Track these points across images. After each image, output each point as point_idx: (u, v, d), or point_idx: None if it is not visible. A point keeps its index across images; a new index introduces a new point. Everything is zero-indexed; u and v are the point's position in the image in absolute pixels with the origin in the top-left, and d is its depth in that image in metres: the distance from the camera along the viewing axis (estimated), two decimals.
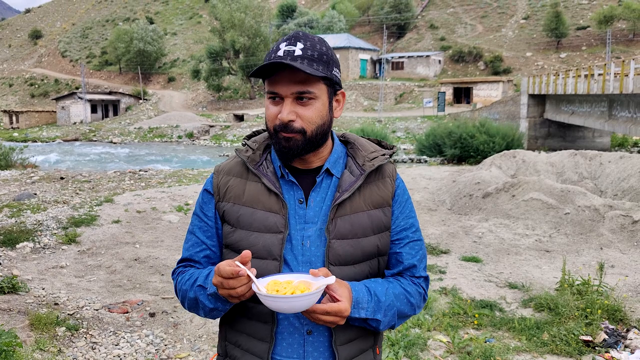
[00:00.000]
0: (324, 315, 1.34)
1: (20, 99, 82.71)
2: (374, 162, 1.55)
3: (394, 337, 4.50)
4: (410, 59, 59.50)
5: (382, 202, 1.54)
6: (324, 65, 1.43)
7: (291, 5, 75.93)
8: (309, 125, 1.44)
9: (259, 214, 1.49)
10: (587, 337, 4.45)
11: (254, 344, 1.51)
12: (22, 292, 5.60)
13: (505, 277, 6.52)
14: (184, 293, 1.54)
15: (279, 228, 1.47)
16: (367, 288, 1.46)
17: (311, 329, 1.48)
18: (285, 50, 1.41)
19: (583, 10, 63.58)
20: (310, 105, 1.44)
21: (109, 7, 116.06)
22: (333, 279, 1.33)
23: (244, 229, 1.50)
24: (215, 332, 4.87)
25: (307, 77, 1.41)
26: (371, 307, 1.44)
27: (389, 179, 1.58)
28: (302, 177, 1.53)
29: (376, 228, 1.53)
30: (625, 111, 21.69)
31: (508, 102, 36.12)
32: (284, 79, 1.42)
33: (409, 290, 1.55)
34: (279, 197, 1.49)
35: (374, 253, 1.53)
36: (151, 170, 17.44)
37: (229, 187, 1.56)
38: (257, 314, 1.50)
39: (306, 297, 1.28)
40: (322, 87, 1.45)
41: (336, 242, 1.47)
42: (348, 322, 1.45)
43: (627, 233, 7.90)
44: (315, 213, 1.50)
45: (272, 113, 1.46)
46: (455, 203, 10.54)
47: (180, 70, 78.40)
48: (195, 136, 47.20)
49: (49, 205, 10.09)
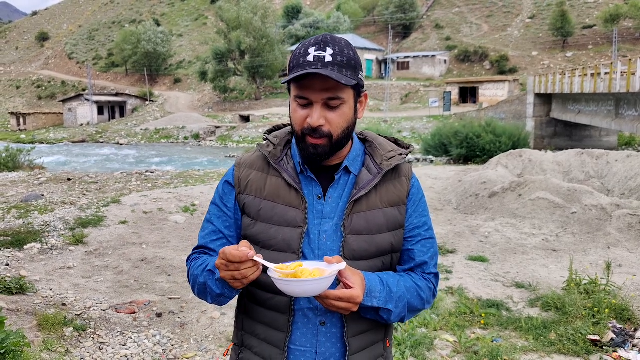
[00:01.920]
0: (337, 301, 1.37)
1: (27, 101, 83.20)
2: (392, 161, 1.58)
3: (400, 337, 4.50)
4: (416, 59, 59.46)
5: (397, 201, 1.58)
6: (352, 70, 1.45)
7: (296, 6, 76.00)
8: (337, 130, 1.47)
9: (279, 208, 1.53)
10: (595, 337, 4.43)
11: (271, 334, 1.55)
12: (30, 292, 5.63)
13: (512, 276, 6.50)
14: (195, 278, 1.56)
15: (299, 223, 1.51)
16: (379, 278, 1.49)
17: (325, 320, 1.52)
18: (315, 55, 1.42)
19: (589, 9, 63.32)
20: (339, 110, 1.47)
21: (115, 9, 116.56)
22: (344, 264, 1.36)
23: (264, 222, 1.54)
24: (221, 332, 4.88)
25: (337, 83, 1.43)
26: (383, 296, 1.47)
27: (405, 178, 1.61)
28: (321, 174, 1.56)
29: (391, 225, 1.56)
30: (632, 110, 21.58)
31: (514, 101, 36.02)
32: (315, 85, 1.43)
33: (419, 285, 1.58)
34: (299, 192, 1.53)
35: (387, 249, 1.56)
36: (158, 171, 17.49)
37: (250, 180, 1.59)
38: (275, 305, 1.54)
39: (319, 281, 1.31)
40: (350, 92, 1.48)
41: (351, 237, 1.51)
42: (360, 313, 1.48)
43: (634, 232, 7.86)
44: (332, 209, 1.54)
45: (301, 116, 1.48)
46: (462, 203, 10.52)
47: (186, 72, 78.66)
48: (202, 137, 47.35)
49: (56, 206, 10.14)
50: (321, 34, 1.49)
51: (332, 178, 1.56)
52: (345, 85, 1.43)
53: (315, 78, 1.42)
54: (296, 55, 1.46)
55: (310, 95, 1.44)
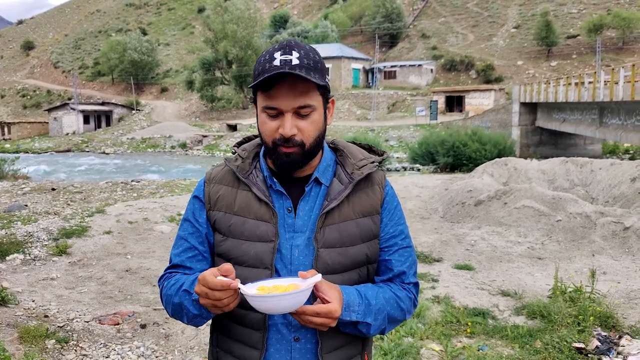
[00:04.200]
0: (314, 317, 1.33)
1: (12, 110, 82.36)
2: (363, 170, 1.54)
3: (386, 347, 4.48)
4: (403, 68, 59.78)
5: (370, 210, 1.54)
6: (319, 73, 1.42)
7: (284, 16, 76.28)
8: (309, 138, 1.44)
9: (250, 222, 1.49)
10: (580, 345, 4.45)
11: (246, 351, 1.51)
12: (12, 304, 5.54)
13: (497, 284, 6.51)
14: (168, 298, 1.52)
15: (270, 237, 1.47)
16: (357, 291, 1.45)
17: (299, 335, 1.48)
18: (282, 59, 1.38)
19: (573, 19, 64.14)
20: (309, 118, 1.43)
21: (102, 18, 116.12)
22: (320, 277, 1.33)
23: (235, 237, 1.50)
24: (206, 344, 4.83)
25: (306, 89, 1.40)
26: (362, 310, 1.43)
27: (378, 187, 1.57)
28: (292, 186, 1.52)
29: (365, 236, 1.52)
30: (616, 118, 21.85)
31: (500, 110, 36.33)
32: (283, 93, 1.40)
33: (399, 295, 1.54)
34: (269, 205, 1.49)
35: (363, 261, 1.52)
36: (143, 181, 17.39)
37: (220, 195, 1.55)
38: (249, 322, 1.49)
39: (294, 295, 1.27)
40: (319, 98, 1.45)
41: (324, 250, 1.47)
42: (338, 327, 1.44)
43: (618, 239, 7.93)
44: (304, 222, 1.50)
45: (271, 127, 1.44)
46: (448, 211, 10.55)
47: (173, 81, 78.42)
48: (189, 146, 47.14)
49: (39, 216, 10.02)
50: (285, 40, 1.47)
51: (303, 190, 1.51)
52: (316, 86, 1.41)
53: (283, 85, 1.39)
54: (261, 61, 1.42)
55: (279, 105, 1.41)
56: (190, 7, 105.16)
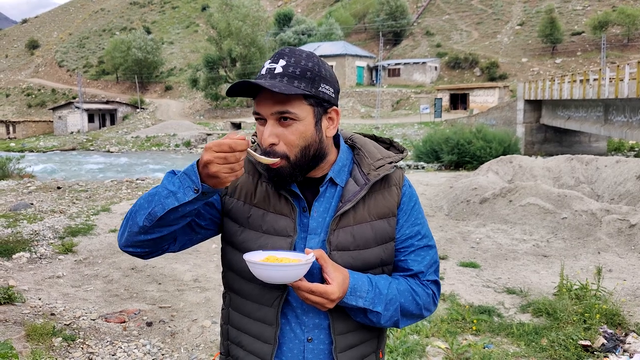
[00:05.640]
0: (309, 293, 1.33)
1: (17, 109, 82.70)
2: (380, 171, 1.49)
3: (392, 344, 4.48)
4: (407, 65, 59.71)
5: (387, 212, 1.50)
6: (307, 82, 1.37)
7: (288, 14, 76.21)
8: (292, 149, 1.38)
9: (269, 216, 1.47)
10: (586, 342, 4.44)
11: (257, 346, 1.50)
12: (19, 302, 5.57)
13: (503, 282, 6.51)
14: (137, 201, 1.40)
15: (288, 232, 1.45)
16: (368, 278, 1.44)
17: (312, 336, 1.46)
18: (267, 68, 1.38)
19: (577, 16, 63.93)
20: (290, 126, 1.37)
21: (106, 16, 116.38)
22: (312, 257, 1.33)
23: (253, 229, 1.47)
24: (212, 341, 4.85)
25: (287, 96, 1.35)
26: (370, 297, 1.41)
27: (395, 187, 1.53)
28: (307, 186, 1.49)
29: (380, 239, 1.49)
30: (621, 116, 21.76)
31: (504, 107, 36.23)
32: (264, 99, 1.38)
33: (415, 290, 1.51)
34: (289, 200, 1.46)
35: (376, 264, 1.49)
36: (148, 179, 17.42)
37: (240, 183, 1.52)
38: (262, 316, 1.48)
39: (290, 267, 1.30)
40: (305, 107, 1.38)
41: (337, 253, 1.44)
42: (351, 322, 1.45)
43: (624, 237, 7.91)
44: (318, 224, 1.47)
45: (261, 133, 1.41)
46: (453, 209, 10.54)
47: (177, 79, 78.58)
48: (193, 145, 47.21)
49: (45, 215, 10.06)
50: (283, 47, 1.45)
51: (318, 190, 1.48)
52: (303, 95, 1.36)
53: (266, 92, 1.37)
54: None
55: (261, 110, 1.39)
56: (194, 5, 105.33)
